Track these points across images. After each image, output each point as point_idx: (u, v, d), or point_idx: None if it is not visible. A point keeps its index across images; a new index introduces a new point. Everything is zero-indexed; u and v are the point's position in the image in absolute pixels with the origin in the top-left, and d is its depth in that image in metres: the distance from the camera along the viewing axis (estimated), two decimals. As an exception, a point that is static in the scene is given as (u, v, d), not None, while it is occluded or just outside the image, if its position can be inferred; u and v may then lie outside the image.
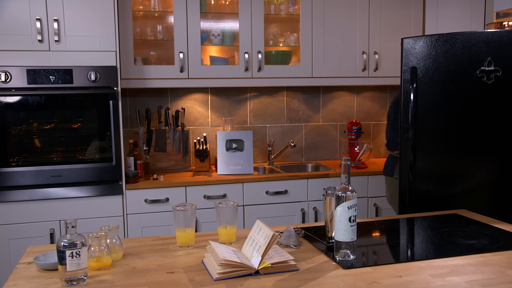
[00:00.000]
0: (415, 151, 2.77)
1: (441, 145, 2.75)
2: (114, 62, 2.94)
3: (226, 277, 1.46)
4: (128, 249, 1.74)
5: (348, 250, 1.60)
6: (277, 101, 3.81)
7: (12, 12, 2.77)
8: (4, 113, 2.81)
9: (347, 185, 1.60)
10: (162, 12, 3.37)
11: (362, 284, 1.43)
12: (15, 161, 2.85)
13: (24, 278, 1.49)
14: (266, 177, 3.27)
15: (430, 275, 1.49)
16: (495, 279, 1.46)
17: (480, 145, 2.67)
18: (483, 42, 2.60)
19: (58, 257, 1.43)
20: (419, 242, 1.90)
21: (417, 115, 2.76)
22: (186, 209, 1.75)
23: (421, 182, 2.78)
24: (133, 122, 3.52)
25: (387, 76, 3.64)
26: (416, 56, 2.75)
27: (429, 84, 2.73)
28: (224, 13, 3.48)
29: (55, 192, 2.89)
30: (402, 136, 2.81)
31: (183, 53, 3.25)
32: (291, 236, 1.78)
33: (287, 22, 3.68)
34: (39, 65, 2.82)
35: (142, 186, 3.04)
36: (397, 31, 3.61)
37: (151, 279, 1.48)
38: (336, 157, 3.97)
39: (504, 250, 1.71)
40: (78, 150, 2.95)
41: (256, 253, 1.51)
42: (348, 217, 1.58)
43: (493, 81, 2.60)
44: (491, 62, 2.59)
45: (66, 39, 2.86)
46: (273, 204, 3.25)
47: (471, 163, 2.70)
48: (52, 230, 2.89)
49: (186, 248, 1.75)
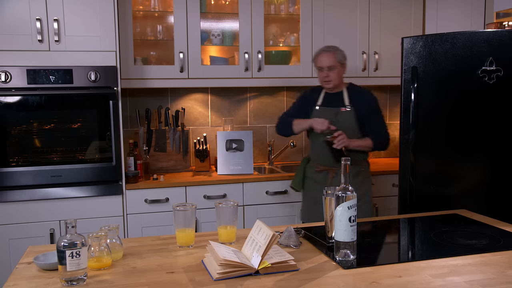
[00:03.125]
0: (416, 152, 2.76)
1: (442, 145, 2.74)
2: (114, 62, 2.94)
3: (226, 277, 1.46)
4: (128, 249, 1.74)
5: (348, 250, 1.60)
6: (277, 101, 3.81)
7: (12, 12, 2.77)
8: (4, 113, 2.81)
9: (347, 185, 1.60)
10: (162, 12, 3.37)
11: (362, 284, 1.43)
12: (15, 161, 2.85)
13: (24, 278, 1.49)
14: (266, 177, 3.27)
15: (430, 275, 1.49)
16: (495, 279, 1.46)
17: (481, 145, 2.66)
18: (484, 41, 2.59)
19: (58, 257, 1.43)
20: (419, 242, 1.90)
21: (418, 116, 2.75)
22: (186, 209, 1.75)
23: (422, 182, 2.77)
24: (133, 122, 3.52)
25: (387, 76, 3.64)
26: (416, 56, 2.74)
27: (429, 84, 2.71)
28: (224, 13, 3.48)
29: (55, 192, 2.89)
30: (403, 136, 2.80)
31: (183, 53, 3.25)
32: (291, 236, 1.78)
33: (287, 22, 3.68)
34: (39, 65, 2.81)
35: (142, 186, 3.04)
36: (397, 31, 3.61)
37: (151, 279, 1.48)
38: (336, 157, 3.96)
39: (504, 250, 1.71)
40: (78, 150, 2.94)
41: (256, 253, 1.51)
42: (348, 217, 1.58)
43: (494, 81, 2.58)
44: (493, 62, 2.58)
45: (66, 39, 2.86)
46: (273, 204, 3.25)
47: (472, 163, 2.68)
48: (52, 230, 2.89)
49: (186, 248, 1.75)
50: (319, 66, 2.77)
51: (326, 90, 2.86)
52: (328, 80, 2.76)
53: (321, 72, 2.78)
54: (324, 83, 2.80)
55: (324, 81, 2.79)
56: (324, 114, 2.79)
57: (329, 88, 2.82)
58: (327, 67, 2.74)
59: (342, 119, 2.76)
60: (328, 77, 2.75)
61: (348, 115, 2.77)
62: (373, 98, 2.83)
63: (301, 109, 2.93)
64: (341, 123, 2.73)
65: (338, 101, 2.81)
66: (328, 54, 2.75)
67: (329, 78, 2.76)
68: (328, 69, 2.74)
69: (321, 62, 2.76)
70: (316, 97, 2.89)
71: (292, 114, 2.95)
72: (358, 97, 2.79)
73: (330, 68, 2.73)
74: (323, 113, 2.81)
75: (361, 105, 2.77)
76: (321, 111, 2.83)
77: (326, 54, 2.75)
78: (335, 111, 2.78)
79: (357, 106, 2.77)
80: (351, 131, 2.74)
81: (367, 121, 2.77)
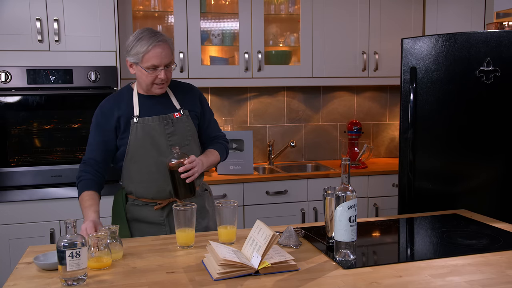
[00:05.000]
0: (415, 151, 2.78)
1: (441, 144, 2.76)
2: (114, 62, 2.94)
3: (226, 277, 1.46)
4: (128, 249, 1.74)
5: (348, 250, 1.60)
6: (277, 101, 3.81)
7: (12, 12, 2.77)
8: (4, 113, 2.81)
9: (347, 185, 1.60)
10: (162, 12, 3.37)
11: (362, 284, 1.43)
12: (15, 161, 2.85)
13: (24, 278, 1.49)
14: (266, 177, 3.27)
15: (430, 275, 1.49)
16: (495, 279, 1.46)
17: (479, 144, 2.67)
18: (482, 42, 2.60)
19: (58, 257, 1.43)
20: (419, 242, 1.90)
21: (416, 115, 2.76)
22: (186, 209, 1.75)
23: (421, 180, 2.79)
24: (133, 122, 3.51)
25: (387, 76, 3.64)
26: (416, 57, 2.75)
27: (428, 84, 2.73)
28: (224, 13, 3.48)
29: (55, 192, 2.89)
30: (402, 136, 2.82)
31: (183, 53, 3.25)
32: (291, 236, 1.78)
33: (287, 22, 3.68)
34: (39, 65, 2.82)
35: (142, 186, 3.04)
36: (397, 31, 3.61)
37: (151, 279, 1.48)
38: (336, 157, 3.97)
39: (504, 250, 1.71)
40: (78, 150, 2.94)
41: (256, 253, 1.51)
42: (348, 217, 1.58)
43: (492, 81, 2.60)
44: (490, 62, 2.59)
45: (66, 39, 2.86)
46: (273, 204, 3.25)
47: (470, 162, 2.70)
48: (52, 230, 2.89)
49: (186, 248, 1.75)
50: (153, 64, 1.92)
51: (150, 94, 2.04)
52: (164, 83, 2.00)
53: (153, 72, 1.94)
54: (156, 87, 1.99)
55: (157, 84, 1.98)
56: (148, 128, 2.00)
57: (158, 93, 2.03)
58: (166, 64, 1.95)
59: (178, 127, 2.05)
60: (166, 78, 1.98)
61: (184, 120, 2.07)
62: (200, 92, 2.23)
63: (104, 132, 2.02)
64: (177, 133, 2.04)
65: (165, 106, 2.07)
66: (164, 45, 1.94)
67: (166, 80, 1.98)
68: (166, 66, 1.96)
69: (157, 58, 1.92)
70: (124, 107, 2.02)
71: (96, 149, 2.04)
72: (187, 96, 2.15)
73: (168, 65, 1.97)
74: (146, 126, 2.00)
75: (194, 105, 2.14)
76: (144, 125, 2.00)
77: (163, 46, 1.93)
78: (165, 119, 2.03)
79: (190, 108, 2.12)
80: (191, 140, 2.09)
81: (204, 123, 2.19)
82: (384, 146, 4.08)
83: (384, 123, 4.05)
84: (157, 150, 2.01)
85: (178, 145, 2.00)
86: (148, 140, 2.00)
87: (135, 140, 2.00)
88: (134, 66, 1.97)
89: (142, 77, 1.97)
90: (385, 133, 4.07)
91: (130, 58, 1.96)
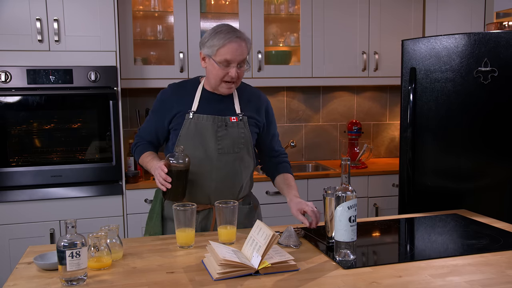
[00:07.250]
0: (414, 149, 2.80)
1: (440, 143, 2.78)
2: (114, 62, 2.94)
3: (226, 277, 1.46)
4: (128, 249, 1.74)
5: (348, 250, 1.60)
6: (277, 101, 3.81)
7: (12, 12, 2.77)
8: (4, 113, 2.81)
9: (347, 185, 1.60)
10: (162, 12, 3.37)
11: (362, 284, 1.43)
12: (15, 161, 2.85)
13: (24, 278, 1.49)
14: (266, 177, 3.26)
15: (430, 275, 1.49)
16: (495, 279, 1.46)
17: (477, 144, 2.69)
18: (480, 43, 2.63)
19: (58, 257, 1.43)
20: (419, 242, 1.91)
21: (415, 115, 2.79)
22: (186, 209, 1.75)
23: (420, 178, 2.81)
24: (133, 122, 3.52)
25: (387, 76, 3.64)
26: (415, 58, 2.80)
27: (428, 84, 2.77)
28: (224, 13, 3.48)
29: (55, 192, 2.89)
30: (402, 135, 2.86)
31: (183, 53, 3.25)
32: (291, 236, 1.78)
33: (287, 22, 3.68)
34: (39, 65, 2.82)
35: (142, 186, 3.04)
36: (397, 31, 3.62)
37: (151, 279, 1.48)
38: (336, 157, 3.97)
39: (504, 250, 1.71)
40: (78, 150, 2.94)
41: (256, 253, 1.51)
42: (348, 217, 1.58)
43: (489, 81, 2.62)
44: (488, 63, 2.61)
45: (66, 39, 2.86)
46: (273, 204, 3.24)
47: (470, 162, 2.70)
48: (52, 230, 2.89)
49: (186, 248, 1.75)
50: (226, 59, 1.85)
51: (219, 92, 1.97)
52: (235, 81, 1.92)
53: (225, 68, 1.87)
54: (224, 85, 1.92)
55: (225, 82, 1.91)
56: (200, 126, 1.94)
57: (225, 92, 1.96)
58: (239, 62, 1.88)
59: (231, 132, 1.96)
60: (237, 77, 1.90)
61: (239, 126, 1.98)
62: (268, 102, 2.11)
63: (158, 120, 2.02)
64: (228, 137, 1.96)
65: (225, 107, 1.99)
66: (241, 43, 1.86)
67: (237, 79, 1.90)
68: (239, 65, 1.88)
69: (232, 54, 1.85)
70: (183, 99, 1.99)
71: (148, 131, 2.07)
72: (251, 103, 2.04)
73: (241, 63, 1.89)
74: (199, 124, 1.94)
75: (256, 113, 2.04)
76: (197, 122, 1.95)
77: (239, 43, 1.85)
78: (220, 121, 1.96)
79: (251, 115, 2.02)
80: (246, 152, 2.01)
81: (268, 136, 2.12)
82: (384, 146, 4.08)
83: (384, 123, 4.05)
84: (204, 151, 1.94)
85: (227, 151, 1.94)
86: (197, 138, 1.94)
87: (185, 135, 1.95)
88: (207, 59, 1.91)
89: (213, 72, 1.89)
90: (385, 133, 4.07)
91: (204, 50, 1.90)
